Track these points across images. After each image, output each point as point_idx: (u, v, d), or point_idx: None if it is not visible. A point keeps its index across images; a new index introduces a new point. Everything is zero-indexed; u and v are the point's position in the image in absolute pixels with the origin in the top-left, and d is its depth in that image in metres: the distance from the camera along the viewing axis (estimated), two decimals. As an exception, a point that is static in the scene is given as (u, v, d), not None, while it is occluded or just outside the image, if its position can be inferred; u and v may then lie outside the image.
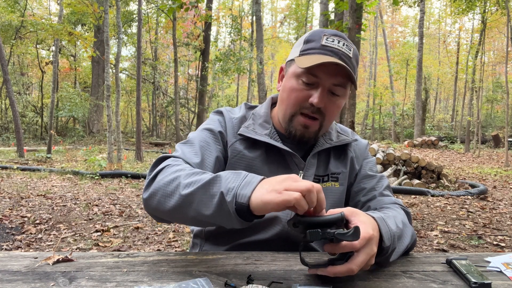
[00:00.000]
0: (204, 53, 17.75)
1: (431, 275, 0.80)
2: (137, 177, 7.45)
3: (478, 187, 6.56)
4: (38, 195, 5.49)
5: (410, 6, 17.80)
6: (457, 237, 3.86)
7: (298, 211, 0.69)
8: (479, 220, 4.56)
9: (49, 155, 10.43)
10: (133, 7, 21.09)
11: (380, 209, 1.01)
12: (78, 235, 3.71)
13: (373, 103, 26.86)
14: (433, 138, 17.17)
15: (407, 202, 5.58)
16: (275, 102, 1.17)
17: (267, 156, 1.05)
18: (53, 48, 14.13)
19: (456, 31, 29.70)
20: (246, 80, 25.06)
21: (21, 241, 3.49)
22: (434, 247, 3.53)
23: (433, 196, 6.06)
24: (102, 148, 14.63)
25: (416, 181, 6.79)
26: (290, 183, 0.71)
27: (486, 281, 0.72)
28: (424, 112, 22.36)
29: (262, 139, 1.03)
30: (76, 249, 3.27)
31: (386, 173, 6.92)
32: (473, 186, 6.80)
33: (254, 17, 16.58)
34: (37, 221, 4.13)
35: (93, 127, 20.64)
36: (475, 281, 0.72)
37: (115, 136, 9.80)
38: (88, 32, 19.91)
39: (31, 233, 3.72)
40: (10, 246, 3.36)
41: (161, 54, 24.86)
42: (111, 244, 3.43)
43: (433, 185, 6.87)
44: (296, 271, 0.79)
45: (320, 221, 0.70)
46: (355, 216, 0.76)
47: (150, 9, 20.18)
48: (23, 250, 3.25)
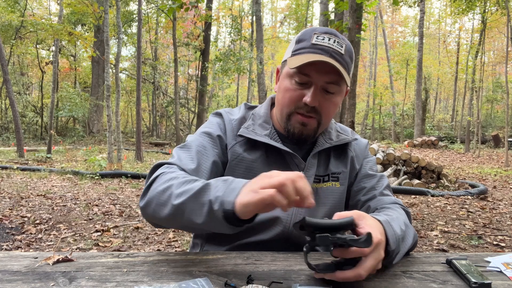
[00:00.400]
0: (204, 53, 17.75)
1: (431, 275, 0.80)
2: (137, 177, 7.45)
3: (478, 187, 6.56)
4: (38, 195, 5.49)
5: (410, 6, 17.79)
6: (457, 237, 3.86)
7: (281, 207, 0.69)
8: (479, 220, 4.56)
9: (49, 155, 10.43)
10: (133, 7, 21.10)
11: (380, 209, 1.00)
12: (78, 235, 3.71)
13: (373, 103, 26.87)
14: (433, 138, 17.17)
15: (407, 202, 5.58)
16: (274, 102, 1.17)
17: (267, 157, 1.04)
18: (53, 48, 14.14)
19: (456, 31, 29.72)
20: (246, 80, 25.06)
21: (21, 241, 3.49)
22: (434, 247, 3.52)
23: (433, 196, 6.05)
24: (102, 148, 14.63)
25: (416, 181, 6.80)
26: (265, 180, 0.71)
27: (486, 281, 0.72)
28: (424, 112, 22.36)
29: (262, 140, 1.02)
30: (76, 249, 3.27)
31: (386, 173, 6.92)
32: (473, 186, 6.80)
33: (254, 17, 16.58)
34: (37, 221, 4.13)
35: (93, 127, 20.64)
36: (475, 281, 0.72)
37: (115, 136, 9.80)
38: (88, 32, 19.91)
39: (31, 233, 3.72)
40: (10, 246, 3.36)
41: (161, 54, 24.86)
42: (111, 244, 3.43)
43: (433, 185, 6.87)
44: (296, 271, 0.79)
45: (330, 224, 0.69)
46: (362, 219, 0.76)
47: (150, 9, 20.18)
48: (23, 250, 3.25)
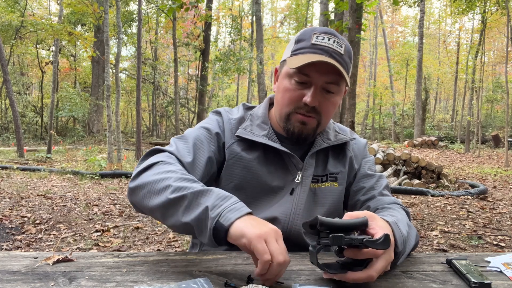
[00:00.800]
0: (204, 53, 17.75)
1: (431, 275, 0.80)
2: (137, 177, 7.44)
3: (478, 187, 6.56)
4: (38, 195, 5.49)
5: (410, 6, 17.79)
6: (457, 237, 3.86)
7: (257, 268, 0.68)
8: (479, 220, 4.56)
9: (49, 155, 10.43)
10: (133, 7, 21.09)
11: (381, 209, 1.00)
12: (78, 235, 3.71)
13: (373, 103, 26.87)
14: (433, 138, 17.16)
15: (407, 202, 5.58)
16: (272, 103, 1.17)
17: (265, 157, 1.04)
18: (53, 48, 14.14)
19: (456, 31, 29.72)
20: (246, 80, 25.06)
21: (21, 241, 3.49)
22: (434, 247, 3.52)
23: (433, 196, 6.05)
24: (102, 148, 14.63)
25: (416, 181, 6.79)
26: (273, 240, 0.69)
27: (486, 281, 0.72)
28: (424, 112, 22.36)
29: (260, 141, 1.02)
30: (76, 249, 3.27)
31: (386, 173, 6.92)
32: (473, 186, 6.80)
33: (254, 17, 16.58)
34: (37, 221, 4.13)
35: (93, 127, 20.64)
36: (475, 281, 0.72)
37: (115, 136, 9.80)
38: (88, 32, 19.91)
39: (31, 233, 3.72)
40: (10, 246, 3.36)
41: (161, 54, 24.86)
42: (111, 244, 3.43)
43: (433, 185, 6.87)
44: (296, 271, 0.79)
45: (344, 224, 0.68)
46: (373, 220, 0.75)
47: (150, 9, 20.18)
48: (23, 250, 3.25)
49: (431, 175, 7.09)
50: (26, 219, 4.22)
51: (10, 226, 3.95)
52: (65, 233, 3.76)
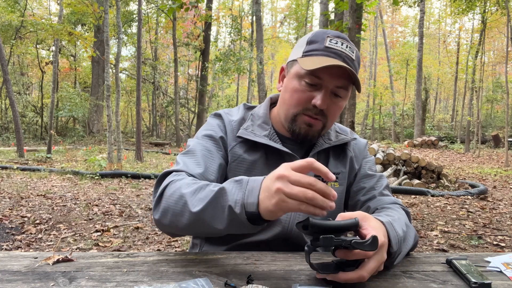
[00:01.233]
0: (204, 53, 17.75)
1: (431, 275, 0.80)
2: (137, 177, 7.45)
3: (478, 187, 6.56)
4: (38, 195, 5.49)
5: (410, 6, 17.80)
6: (457, 237, 3.86)
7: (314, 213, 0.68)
8: (479, 220, 4.56)
9: (49, 155, 10.43)
10: (133, 7, 21.10)
11: (381, 209, 1.00)
12: (78, 235, 3.71)
13: (373, 103, 26.87)
14: (433, 138, 17.17)
15: (407, 202, 5.58)
16: (273, 102, 1.16)
17: (267, 158, 1.04)
18: (53, 48, 14.14)
19: (456, 31, 29.72)
20: (246, 80, 25.06)
21: (21, 241, 3.49)
22: (434, 247, 3.53)
23: (433, 196, 6.05)
24: (102, 148, 14.63)
25: (416, 181, 6.80)
26: (288, 189, 0.69)
27: (486, 281, 0.72)
28: (424, 112, 22.37)
29: (261, 141, 1.02)
30: (76, 249, 3.27)
31: (386, 173, 6.92)
32: (473, 186, 6.80)
33: (254, 17, 16.58)
34: (37, 221, 4.13)
35: (93, 127, 20.64)
36: (475, 281, 0.72)
37: (115, 136, 9.80)
38: (88, 32, 19.91)
39: (31, 233, 3.72)
40: (10, 246, 3.36)
41: (161, 54, 24.87)
42: (111, 244, 3.43)
43: (433, 185, 6.87)
44: (296, 271, 0.79)
45: (334, 226, 0.68)
46: (366, 220, 0.76)
47: (150, 9, 20.18)
48: (23, 250, 3.25)
49: (431, 175, 7.09)
50: (26, 219, 4.22)
51: (10, 226, 3.95)
52: (65, 233, 3.76)
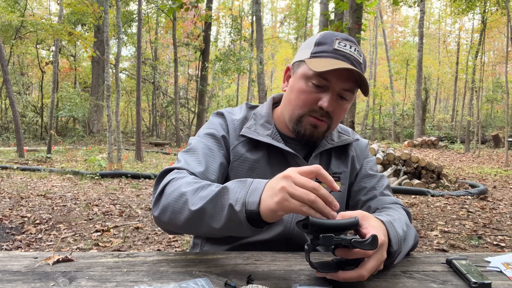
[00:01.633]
0: (204, 53, 17.75)
1: (431, 275, 0.80)
2: (137, 177, 7.45)
3: (478, 187, 6.56)
4: (38, 195, 5.49)
5: (410, 6, 17.80)
6: (457, 237, 3.86)
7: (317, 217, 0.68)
8: (479, 220, 4.56)
9: (49, 155, 10.43)
10: (133, 7, 21.10)
11: (381, 209, 1.01)
12: (78, 235, 3.71)
13: (373, 103, 26.87)
14: (433, 138, 17.17)
15: (407, 202, 5.58)
16: (276, 102, 1.16)
17: (269, 157, 1.04)
18: (53, 48, 14.14)
19: (456, 31, 29.72)
20: (246, 80, 25.06)
21: (21, 241, 3.49)
22: (434, 247, 3.53)
23: (433, 196, 6.05)
24: (102, 148, 14.63)
25: (416, 181, 6.80)
26: (292, 189, 0.69)
27: (486, 281, 0.72)
28: (424, 112, 22.36)
29: (264, 140, 1.02)
30: (76, 249, 3.27)
31: (386, 173, 6.92)
32: (473, 186, 6.80)
33: (254, 17, 16.59)
34: (37, 221, 4.13)
35: (93, 127, 20.64)
36: (475, 281, 0.72)
37: (115, 136, 9.80)
38: (88, 32, 19.91)
39: (31, 233, 3.72)
40: (10, 246, 3.36)
41: (161, 54, 24.87)
42: (111, 244, 3.43)
43: (433, 185, 6.87)
44: (296, 271, 0.79)
45: (334, 225, 0.68)
46: (366, 220, 0.76)
47: (150, 9, 20.19)
48: (23, 250, 3.25)
49: (431, 175, 7.09)
50: (26, 219, 4.22)
51: (10, 226, 3.95)
52: (65, 233, 3.76)
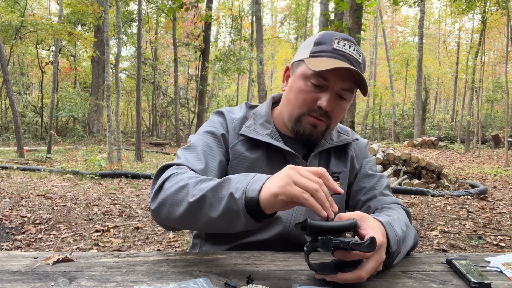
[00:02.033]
0: (204, 53, 17.75)
1: (431, 275, 0.80)
2: (137, 177, 7.45)
3: (478, 187, 6.56)
4: (38, 195, 5.49)
5: (410, 6, 17.80)
6: (457, 237, 3.86)
7: (315, 211, 0.68)
8: (479, 220, 4.56)
9: (49, 155, 10.43)
10: (133, 7, 21.10)
11: (381, 209, 1.00)
12: (78, 235, 3.71)
13: (373, 103, 26.86)
14: (433, 138, 17.16)
15: (407, 202, 5.58)
16: (275, 102, 1.16)
17: (269, 156, 1.04)
18: (53, 48, 14.14)
19: (456, 31, 29.72)
20: (246, 80, 25.06)
21: (21, 241, 3.49)
22: (434, 247, 3.53)
23: (433, 196, 6.05)
24: (102, 148, 14.63)
25: (416, 181, 6.79)
26: (297, 177, 0.70)
27: (486, 281, 0.72)
28: (424, 112, 22.36)
29: (264, 139, 1.02)
30: (76, 249, 3.27)
31: (386, 173, 6.92)
32: (473, 186, 6.80)
33: (254, 17, 16.58)
34: (37, 221, 4.13)
35: (93, 127, 20.64)
36: (475, 281, 0.72)
37: (115, 136, 9.80)
38: (88, 32, 19.91)
39: (31, 233, 3.72)
40: (10, 246, 3.36)
41: (161, 54, 24.87)
42: (111, 244, 3.43)
43: (433, 185, 6.87)
44: (296, 271, 0.79)
45: (332, 227, 0.68)
46: (364, 221, 0.76)
47: (150, 9, 20.19)
48: (23, 250, 3.25)
49: (431, 175, 7.09)
50: (26, 219, 4.22)
51: (10, 226, 3.95)
52: (65, 233, 3.76)
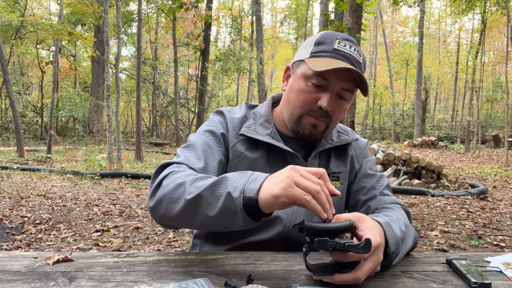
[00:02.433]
0: (204, 53, 17.75)
1: (431, 275, 0.80)
2: (137, 177, 7.45)
3: (478, 187, 6.55)
4: (38, 195, 5.49)
5: (410, 6, 17.80)
6: (457, 237, 3.86)
7: (315, 212, 0.69)
8: (479, 220, 4.56)
9: (49, 155, 10.43)
10: (133, 7, 21.10)
11: (381, 209, 1.00)
12: (78, 235, 3.71)
13: (373, 103, 26.87)
14: (433, 138, 17.16)
15: (407, 202, 5.58)
16: (275, 102, 1.16)
17: (269, 156, 1.04)
18: (53, 48, 14.14)
19: (456, 31, 29.72)
20: (246, 80, 25.06)
21: (21, 241, 3.49)
22: (434, 247, 3.52)
23: (433, 196, 6.05)
24: (102, 148, 14.63)
25: (416, 181, 6.79)
26: (298, 179, 0.70)
27: (486, 281, 0.72)
28: (424, 112, 22.36)
29: (264, 139, 1.02)
30: (76, 249, 3.27)
31: (386, 173, 6.92)
32: (473, 186, 6.80)
33: (254, 17, 16.58)
34: (37, 221, 4.13)
35: (93, 127, 20.64)
36: (475, 281, 0.72)
37: (115, 136, 9.80)
38: (88, 32, 19.91)
39: (31, 233, 3.72)
40: (10, 246, 3.36)
41: (161, 54, 24.87)
42: (111, 244, 3.43)
43: (433, 185, 6.87)
44: (296, 271, 0.79)
45: (329, 228, 0.68)
46: (362, 222, 0.75)
47: (150, 9, 20.19)
48: (23, 250, 3.25)
49: (431, 175, 7.09)
50: (26, 219, 4.22)
51: (10, 226, 3.94)
52: (65, 233, 3.76)
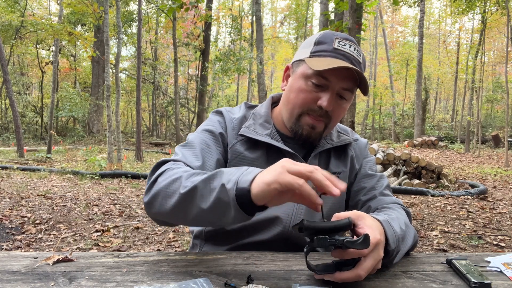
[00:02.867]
0: (204, 53, 17.75)
1: (431, 275, 0.80)
2: (137, 177, 7.45)
3: (478, 187, 6.56)
4: (38, 195, 5.49)
5: (410, 6, 17.80)
6: (457, 237, 3.86)
7: (308, 199, 0.68)
8: (479, 220, 4.56)
9: (49, 155, 10.43)
10: (133, 7, 21.10)
11: (381, 209, 1.00)
12: (78, 235, 3.71)
13: (373, 103, 26.87)
14: (433, 138, 17.16)
15: (407, 202, 5.58)
16: (275, 102, 1.16)
17: (268, 156, 1.04)
18: (53, 48, 14.13)
19: (456, 31, 29.72)
20: (246, 80, 25.06)
21: (21, 241, 3.49)
22: (434, 247, 3.53)
23: (433, 196, 6.05)
24: (102, 148, 14.63)
25: (416, 181, 6.79)
26: (291, 165, 0.69)
27: (486, 281, 0.72)
28: (424, 112, 22.36)
29: (263, 139, 1.02)
30: (76, 249, 3.27)
31: (386, 173, 6.92)
32: (473, 186, 6.80)
33: (254, 17, 16.58)
34: (37, 221, 4.13)
35: (93, 127, 20.64)
36: (475, 281, 0.72)
37: (115, 136, 9.79)
38: (88, 32, 19.91)
39: (31, 233, 3.72)
40: (10, 246, 3.36)
41: (161, 54, 24.87)
42: (111, 244, 3.43)
43: (433, 185, 6.87)
44: (296, 271, 0.79)
45: (327, 227, 0.69)
46: (361, 219, 0.75)
47: (150, 9, 20.18)
48: (23, 250, 3.25)
49: (431, 175, 7.09)
50: (26, 219, 4.22)
51: (10, 226, 3.94)
52: (65, 233, 3.76)
